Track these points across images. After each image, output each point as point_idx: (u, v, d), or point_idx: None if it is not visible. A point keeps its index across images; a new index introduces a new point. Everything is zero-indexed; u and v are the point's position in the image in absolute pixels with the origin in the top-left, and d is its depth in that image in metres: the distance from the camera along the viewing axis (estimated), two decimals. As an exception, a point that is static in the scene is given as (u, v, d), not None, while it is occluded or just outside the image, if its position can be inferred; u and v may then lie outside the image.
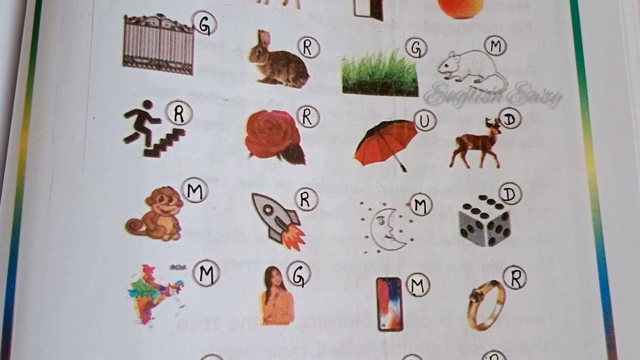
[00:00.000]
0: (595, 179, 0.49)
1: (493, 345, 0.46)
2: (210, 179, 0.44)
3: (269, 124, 0.47)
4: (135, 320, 0.41)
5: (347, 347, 0.44)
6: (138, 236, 0.42)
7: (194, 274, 0.43)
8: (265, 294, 0.44)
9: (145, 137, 0.43)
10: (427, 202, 0.48)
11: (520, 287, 0.47)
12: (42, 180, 0.41)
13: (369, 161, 0.48)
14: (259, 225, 0.45)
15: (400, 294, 0.46)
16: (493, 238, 0.48)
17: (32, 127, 0.42)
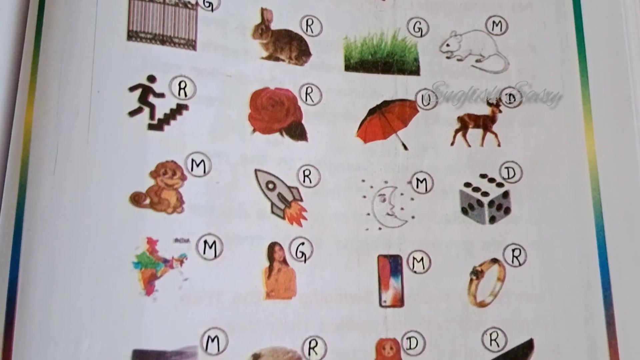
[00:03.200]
0: (595, 157, 0.49)
1: (493, 322, 0.46)
2: (214, 154, 0.45)
3: (272, 101, 0.47)
4: (139, 292, 0.41)
5: (349, 323, 0.45)
6: (142, 209, 0.42)
7: (197, 247, 0.43)
8: (268, 269, 0.44)
9: (149, 112, 0.44)
10: (428, 180, 0.48)
11: (521, 265, 0.47)
12: (46, 154, 0.41)
13: (370, 139, 0.49)
14: (262, 200, 0.45)
15: (402, 271, 0.46)
16: (494, 216, 0.48)
17: (37, 101, 0.42)
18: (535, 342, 0.46)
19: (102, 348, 0.40)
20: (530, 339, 0.46)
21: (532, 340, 0.46)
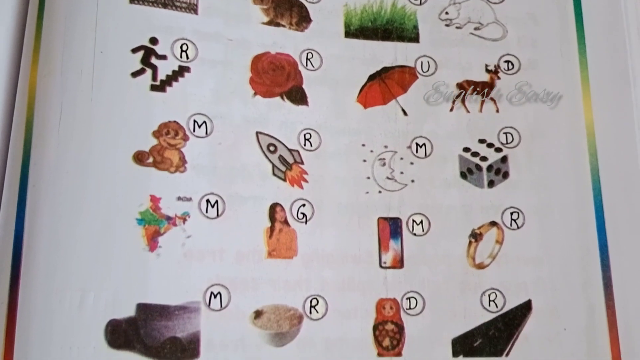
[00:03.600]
0: (592, 124, 0.49)
1: (492, 283, 0.47)
2: (216, 116, 0.45)
3: (273, 65, 0.48)
4: (143, 247, 0.42)
5: (350, 283, 0.45)
6: (145, 167, 0.43)
7: (199, 206, 0.44)
8: (270, 229, 0.45)
9: (152, 73, 0.44)
10: (428, 145, 0.49)
11: (519, 228, 0.48)
12: (51, 112, 0.42)
13: (370, 105, 0.49)
14: (263, 162, 0.46)
15: (401, 233, 0.47)
16: (492, 180, 0.49)
17: (42, 62, 0.43)
18: (534, 304, 0.47)
19: (106, 300, 0.40)
20: (529, 300, 0.47)
21: (530, 301, 0.47)
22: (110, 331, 0.40)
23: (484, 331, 0.46)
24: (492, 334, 0.46)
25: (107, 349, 0.40)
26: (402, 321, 0.45)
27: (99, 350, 0.40)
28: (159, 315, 0.41)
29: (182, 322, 0.41)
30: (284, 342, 0.43)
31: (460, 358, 0.45)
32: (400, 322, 0.45)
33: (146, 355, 0.40)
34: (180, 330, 0.41)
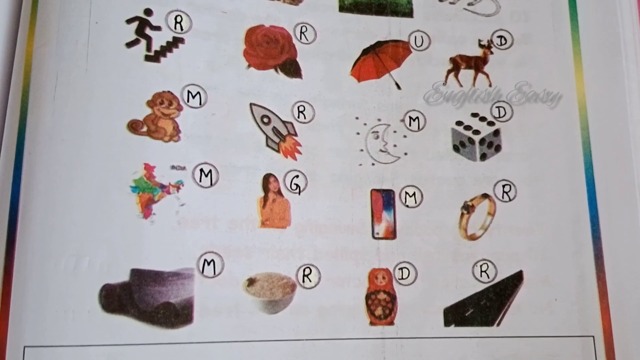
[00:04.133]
0: (584, 97, 0.50)
1: (484, 254, 0.47)
2: (210, 87, 0.46)
3: (267, 38, 0.48)
4: (137, 214, 0.42)
5: (343, 253, 0.46)
6: (139, 136, 0.43)
7: (193, 175, 0.44)
8: (263, 199, 0.45)
9: (146, 43, 0.45)
10: (421, 118, 0.49)
11: (511, 200, 0.48)
12: (47, 81, 0.43)
13: (364, 78, 0.50)
14: (257, 133, 0.46)
15: (394, 205, 0.48)
16: (484, 153, 0.49)
17: (38, 32, 0.43)
18: (525, 274, 0.47)
19: (101, 265, 0.41)
20: (520, 271, 0.47)
21: (522, 272, 0.47)
22: (105, 295, 0.40)
23: (476, 301, 0.46)
24: (483, 304, 0.46)
25: (101, 312, 0.40)
26: (394, 291, 0.46)
27: (94, 313, 0.40)
28: (153, 281, 0.41)
29: (175, 288, 0.42)
30: (277, 309, 0.44)
31: (452, 327, 0.45)
32: (393, 292, 0.46)
33: (140, 319, 0.41)
34: (174, 296, 0.42)
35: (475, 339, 0.45)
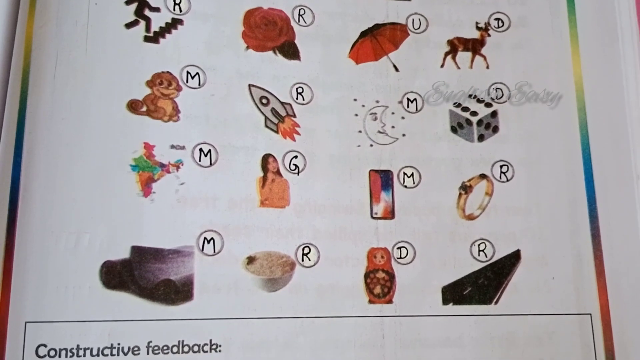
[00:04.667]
0: (581, 80, 0.50)
1: (481, 234, 0.48)
2: (208, 68, 0.46)
3: (265, 20, 0.48)
4: (137, 193, 0.43)
5: (341, 232, 0.46)
6: (139, 116, 0.44)
7: (193, 154, 0.44)
8: (262, 179, 0.46)
9: (145, 24, 0.45)
10: (419, 100, 0.50)
11: (508, 181, 0.49)
12: (47, 61, 0.43)
13: (362, 60, 0.50)
14: (256, 114, 0.47)
15: (392, 185, 0.48)
16: (482, 134, 0.50)
17: (38, 13, 0.44)
18: (522, 253, 0.48)
19: (102, 243, 0.41)
20: (517, 250, 0.48)
21: (519, 251, 0.48)
22: (105, 272, 0.41)
23: (474, 280, 0.47)
24: (481, 283, 0.46)
25: (102, 289, 0.41)
26: (392, 269, 0.46)
27: (94, 290, 0.41)
28: (153, 258, 0.42)
29: (175, 265, 0.42)
30: (276, 287, 0.44)
31: (450, 306, 0.46)
32: (391, 271, 0.46)
33: (141, 296, 0.41)
34: (174, 273, 0.42)
35: (473, 317, 0.46)
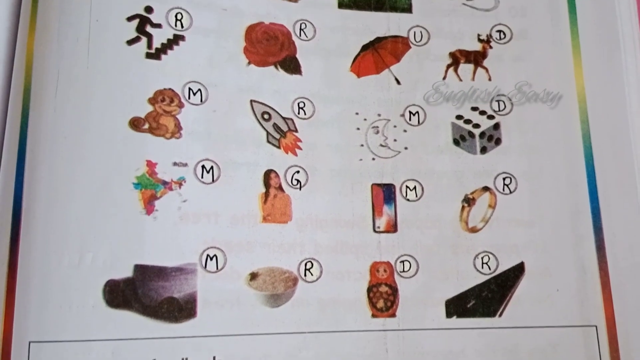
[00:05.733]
0: (583, 91, 0.50)
1: (484, 246, 0.47)
2: (210, 84, 0.46)
3: (266, 35, 0.48)
4: (139, 211, 0.43)
5: (344, 247, 0.46)
6: (141, 133, 0.44)
7: (195, 171, 0.44)
8: (265, 195, 0.46)
9: (147, 41, 0.45)
10: (421, 113, 0.49)
11: (511, 193, 0.48)
12: (48, 78, 0.43)
13: (364, 74, 0.50)
14: (258, 130, 0.47)
15: (395, 199, 0.48)
16: (485, 147, 0.50)
17: (39, 29, 0.44)
18: (526, 266, 0.47)
19: (104, 261, 0.41)
20: (521, 262, 0.47)
21: (523, 263, 0.47)
22: (108, 291, 0.41)
23: (477, 292, 0.46)
24: (485, 295, 0.46)
25: (105, 307, 0.41)
26: (395, 283, 0.46)
27: (98, 308, 0.41)
28: (156, 276, 0.42)
29: (178, 283, 0.42)
30: (279, 303, 0.44)
31: (453, 319, 0.46)
32: (394, 284, 0.46)
33: (144, 314, 0.41)
34: (177, 291, 0.42)
35: (477, 330, 0.46)
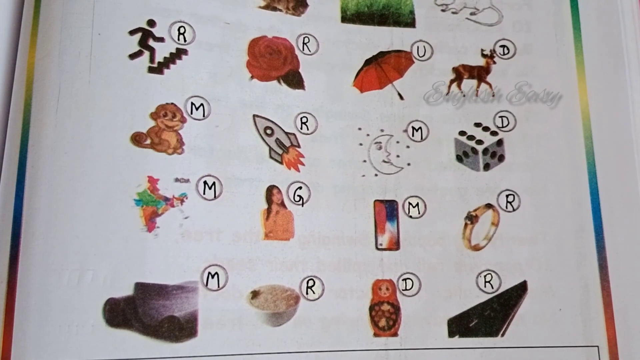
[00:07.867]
0: (587, 107, 0.50)
1: (487, 264, 0.47)
2: (213, 99, 0.46)
3: (269, 49, 0.48)
4: (141, 228, 0.42)
5: (346, 264, 0.46)
6: (143, 149, 0.43)
7: (197, 187, 0.44)
8: (267, 211, 0.45)
9: (149, 55, 0.45)
10: (424, 128, 0.49)
11: (514, 210, 0.48)
12: (49, 93, 0.42)
13: (367, 89, 0.50)
14: (260, 145, 0.46)
15: (397, 216, 0.47)
16: (488, 163, 0.49)
17: (40, 43, 0.43)
18: (529, 284, 0.47)
19: (105, 279, 0.41)
20: (524, 281, 0.47)
21: (526, 282, 0.47)
22: (109, 310, 0.40)
23: (480, 311, 0.46)
24: (487, 315, 0.46)
25: (105, 327, 0.40)
26: (398, 302, 0.46)
27: (97, 328, 0.40)
28: (157, 295, 0.41)
29: (179, 302, 0.42)
30: (280, 321, 0.44)
31: (456, 338, 0.45)
32: (397, 303, 0.46)
33: (144, 333, 0.41)
34: (178, 310, 0.41)
35: (480, 350, 0.45)
